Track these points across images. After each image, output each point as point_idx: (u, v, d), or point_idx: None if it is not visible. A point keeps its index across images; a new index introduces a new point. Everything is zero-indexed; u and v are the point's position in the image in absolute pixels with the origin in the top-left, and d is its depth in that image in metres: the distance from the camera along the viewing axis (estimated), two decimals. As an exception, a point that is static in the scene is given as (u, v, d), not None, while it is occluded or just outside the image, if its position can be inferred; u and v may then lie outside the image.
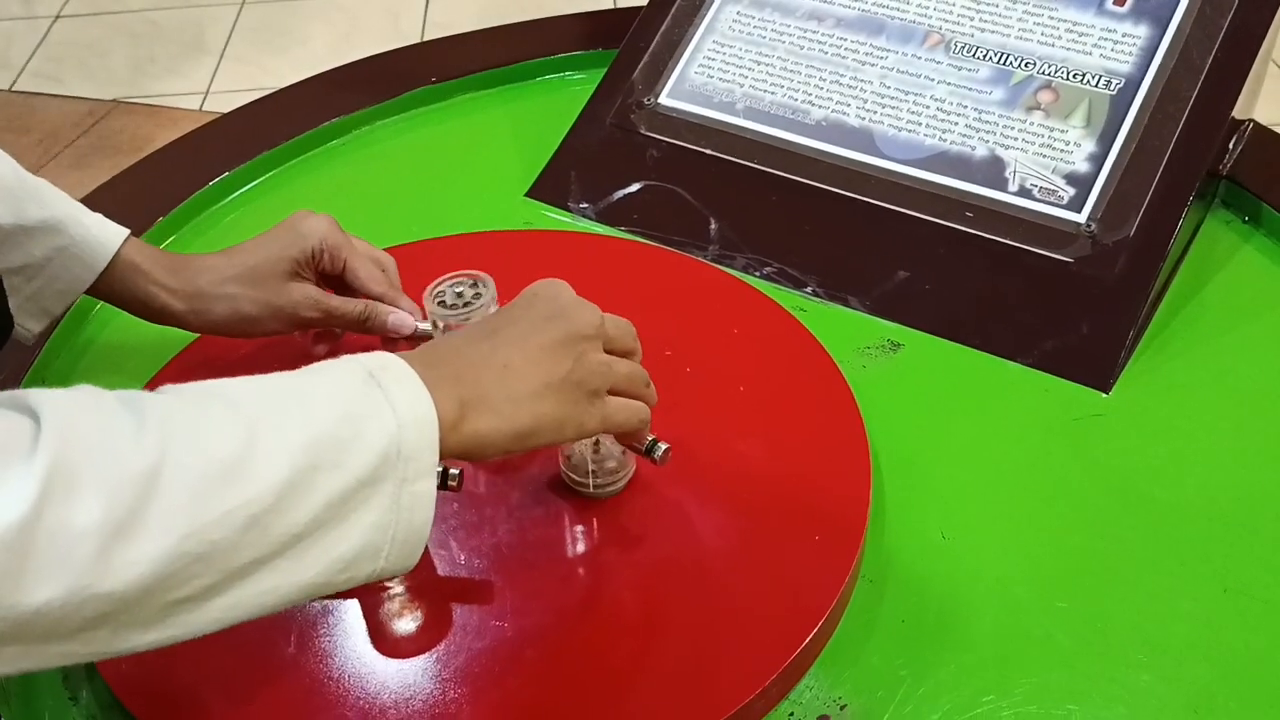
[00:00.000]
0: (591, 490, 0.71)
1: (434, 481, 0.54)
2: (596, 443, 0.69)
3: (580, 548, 0.69)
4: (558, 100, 1.08)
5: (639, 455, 0.69)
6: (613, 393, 0.64)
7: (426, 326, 0.80)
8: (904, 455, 0.77)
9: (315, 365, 0.55)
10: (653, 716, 0.61)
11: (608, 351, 0.64)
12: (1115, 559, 0.70)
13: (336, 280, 0.80)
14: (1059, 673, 0.64)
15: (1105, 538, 0.71)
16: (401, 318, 0.80)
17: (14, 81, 2.53)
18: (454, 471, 0.66)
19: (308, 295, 0.77)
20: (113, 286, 0.74)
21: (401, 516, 0.53)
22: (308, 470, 0.49)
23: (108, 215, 0.76)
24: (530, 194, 1.00)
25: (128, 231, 0.75)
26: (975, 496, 0.74)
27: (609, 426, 0.63)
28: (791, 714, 0.63)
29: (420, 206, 1.00)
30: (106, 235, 0.73)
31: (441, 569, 0.68)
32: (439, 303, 0.77)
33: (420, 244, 0.92)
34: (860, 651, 0.66)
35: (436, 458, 0.54)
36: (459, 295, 0.77)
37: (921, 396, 0.81)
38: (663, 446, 0.67)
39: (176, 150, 1.05)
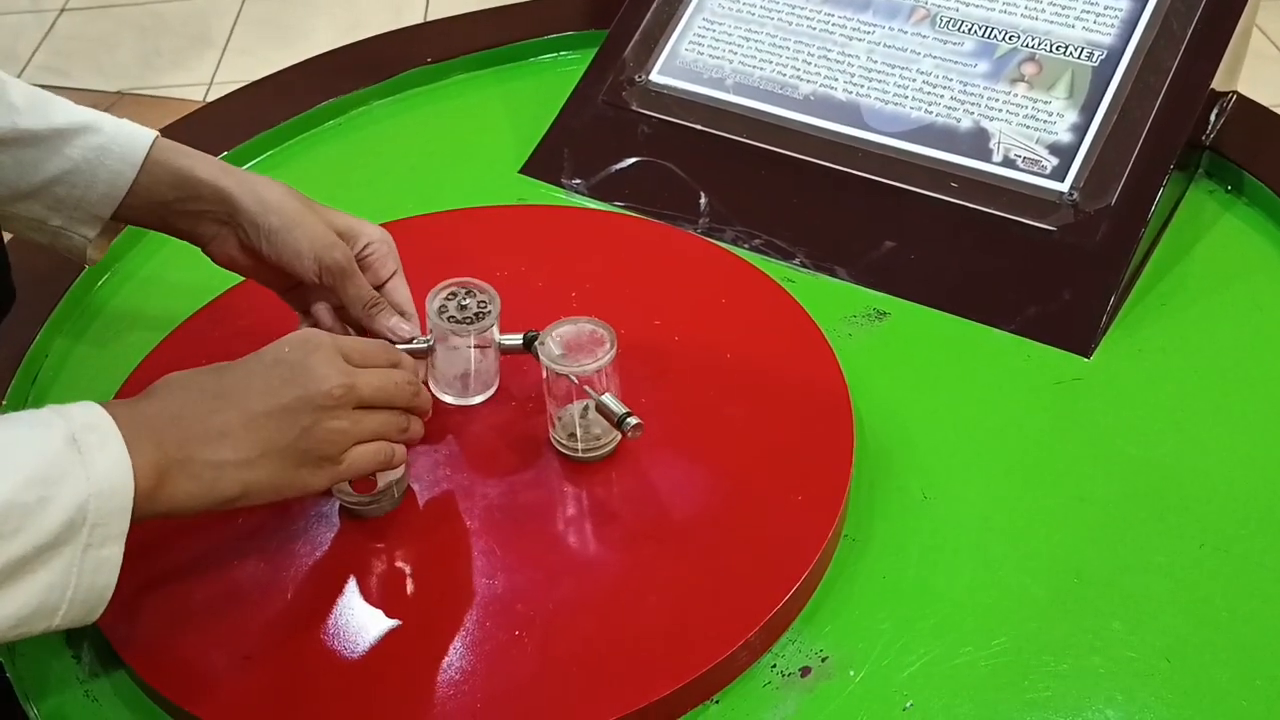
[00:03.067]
0: (580, 454, 0.72)
1: (121, 547, 0.54)
2: (585, 409, 0.71)
3: (568, 508, 0.71)
4: (552, 80, 1.10)
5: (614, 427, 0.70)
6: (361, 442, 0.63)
7: (422, 344, 0.74)
8: (888, 419, 0.78)
9: (19, 415, 0.54)
10: (638, 668, 0.62)
11: (368, 406, 0.63)
12: (1092, 516, 0.71)
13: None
14: (1035, 624, 0.66)
15: (1083, 497, 0.73)
16: (401, 325, 0.74)
17: (20, 74, 2.56)
18: (633, 421, 0.67)
19: (340, 242, 0.73)
20: (157, 176, 0.72)
21: (83, 580, 0.53)
22: None
23: None
24: (524, 171, 1.02)
25: (156, 133, 0.74)
26: (957, 458, 0.76)
27: (342, 480, 0.64)
28: (774, 665, 0.65)
29: (415, 184, 1.02)
30: (139, 130, 0.73)
31: (431, 529, 0.70)
32: (442, 314, 0.74)
33: (414, 219, 0.93)
34: (842, 606, 0.68)
35: (127, 524, 0.54)
36: (462, 307, 0.74)
37: (906, 363, 0.83)
38: (633, 421, 0.69)
39: (173, 134, 1.06)
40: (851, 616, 0.67)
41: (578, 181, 1.00)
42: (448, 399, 0.77)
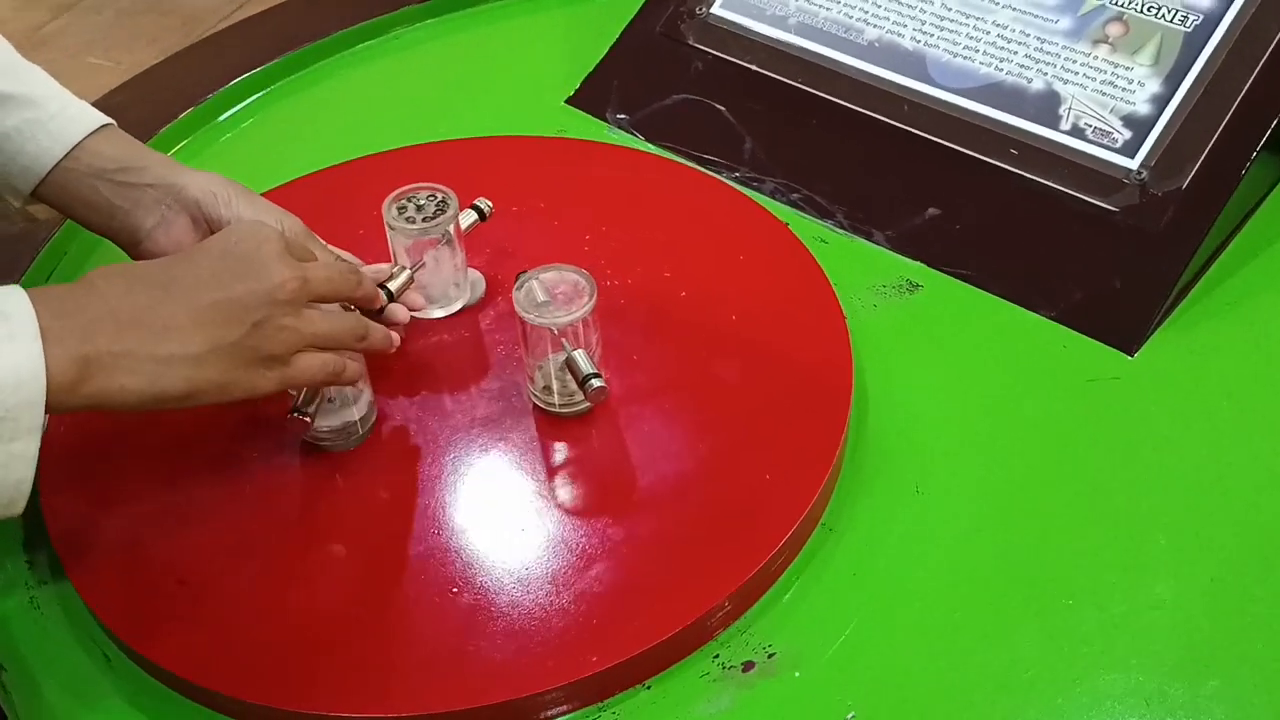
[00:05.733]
0: (557, 408, 0.69)
1: (35, 441, 0.52)
2: (568, 363, 0.67)
3: (530, 465, 0.67)
4: (616, 7, 1.04)
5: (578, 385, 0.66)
6: (314, 347, 0.61)
7: (404, 273, 0.71)
8: (897, 401, 0.73)
9: None
10: (567, 642, 0.59)
11: (320, 300, 0.61)
12: (1098, 532, 0.65)
13: None
14: (1011, 643, 0.60)
15: (1093, 509, 0.66)
16: (375, 266, 0.73)
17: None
18: (596, 383, 0.64)
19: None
20: (95, 151, 0.70)
21: None
22: None
23: (134, 111, 0.74)
24: (570, 101, 0.98)
25: (110, 120, 0.72)
26: (961, 452, 0.70)
27: (290, 384, 0.61)
28: (717, 655, 0.61)
29: (454, 108, 0.98)
30: (88, 115, 0.71)
31: (387, 472, 0.68)
32: (401, 214, 0.72)
33: (443, 143, 0.90)
34: (802, 600, 0.63)
35: (39, 419, 0.52)
36: (419, 208, 0.72)
37: (930, 342, 0.77)
38: (597, 383, 0.65)
39: (200, 55, 1.05)
40: (810, 612, 0.63)
41: (622, 116, 0.95)
42: (436, 313, 0.75)
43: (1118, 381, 0.73)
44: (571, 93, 0.98)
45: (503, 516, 0.65)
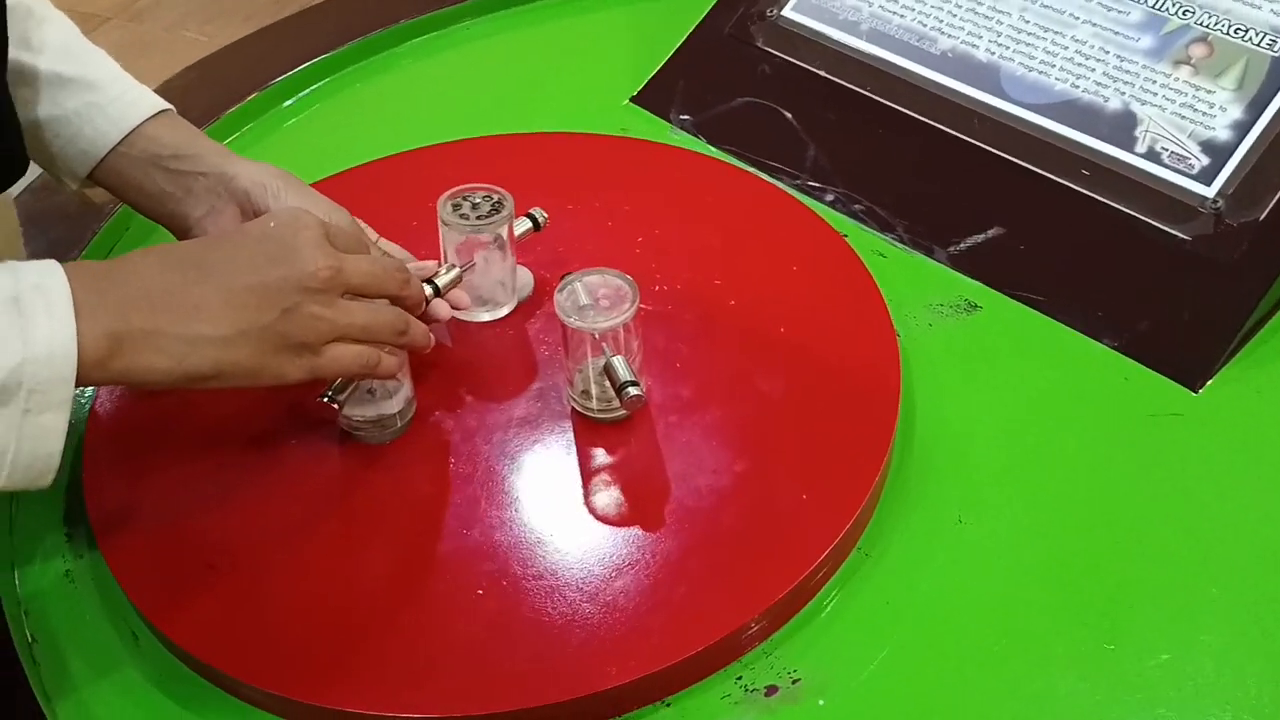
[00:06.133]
0: (594, 413, 0.68)
1: (65, 414, 0.52)
2: (606, 369, 0.66)
3: (564, 470, 0.67)
4: (687, 6, 1.03)
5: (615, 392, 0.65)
6: (349, 339, 0.60)
7: (452, 272, 0.71)
8: (946, 425, 0.70)
9: None
10: (589, 653, 0.58)
11: (358, 293, 0.60)
12: (1148, 576, 0.62)
13: None
14: (1050, 687, 0.58)
15: (1143, 553, 0.63)
16: (423, 263, 0.73)
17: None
18: (633, 391, 0.63)
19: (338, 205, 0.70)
20: (151, 136, 0.70)
21: (23, 445, 0.52)
22: None
23: (201, 92, 0.74)
24: (635, 100, 0.97)
25: (168, 106, 0.73)
26: (1008, 483, 0.67)
27: (320, 374, 0.60)
28: (740, 677, 0.60)
29: (518, 102, 0.98)
30: (147, 100, 0.71)
31: (423, 467, 0.67)
32: (455, 211, 0.71)
33: (501, 137, 0.90)
34: (832, 625, 0.62)
35: (69, 393, 0.52)
36: (474, 207, 0.71)
37: (985, 365, 0.74)
38: (634, 391, 0.64)
39: (260, 44, 1.05)
40: (839, 638, 0.61)
41: (686, 117, 0.94)
42: (482, 316, 0.74)
43: (1179, 418, 0.70)
44: (636, 91, 0.97)
45: (532, 520, 0.64)
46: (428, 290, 0.69)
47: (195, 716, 0.61)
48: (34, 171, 0.71)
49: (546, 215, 0.75)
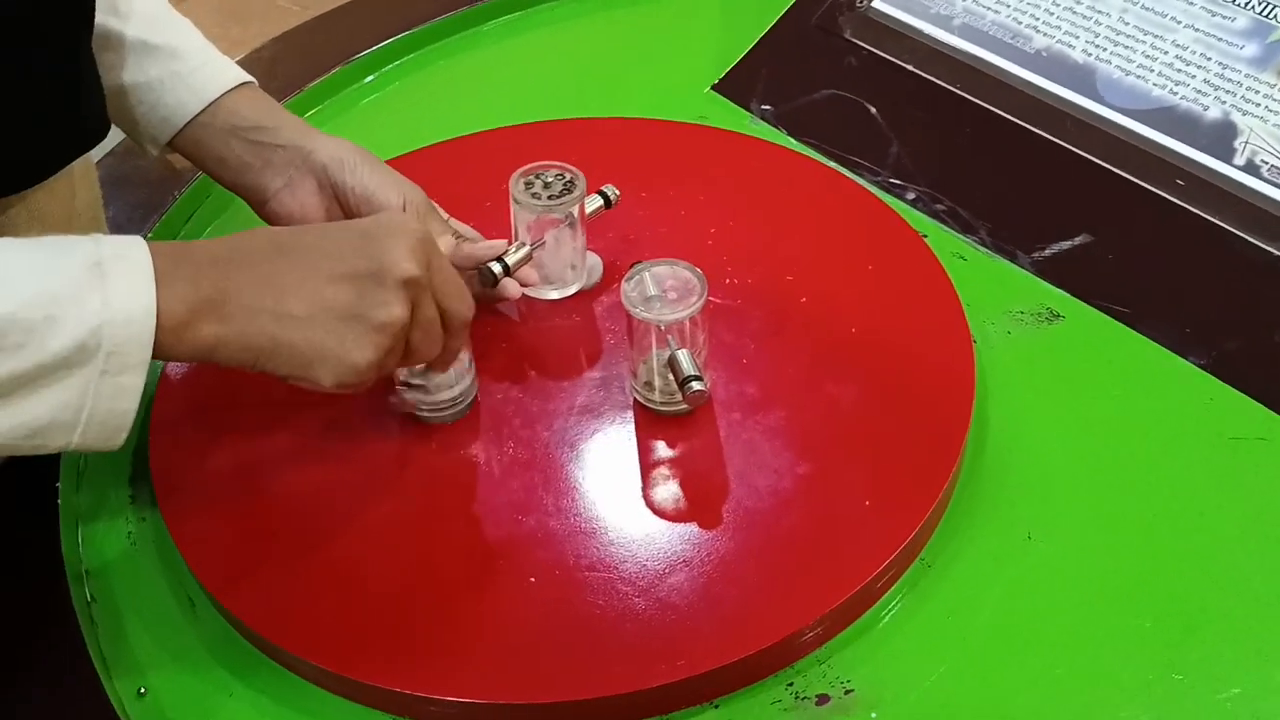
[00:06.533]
0: (657, 406, 0.67)
1: (141, 376, 0.52)
2: (670, 362, 0.65)
3: (623, 461, 0.66)
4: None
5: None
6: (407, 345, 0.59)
7: (521, 250, 0.71)
8: (1019, 438, 0.68)
9: (56, 238, 0.52)
10: (639, 650, 0.57)
11: (431, 306, 0.59)
12: (1220, 604, 0.60)
13: None
14: (1105, 706, 0.56)
15: (1218, 579, 0.61)
16: (493, 241, 0.72)
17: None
18: (696, 386, 0.62)
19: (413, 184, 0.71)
20: (231, 109, 0.71)
21: (99, 405, 0.52)
22: None
23: (285, 64, 0.73)
24: (716, 88, 0.95)
25: (250, 78, 0.73)
26: (1082, 500, 0.65)
27: (381, 371, 0.59)
28: (791, 684, 0.58)
29: (599, 84, 0.97)
30: (229, 71, 0.72)
31: (480, 449, 0.67)
32: (527, 190, 0.71)
33: (580, 121, 0.89)
34: (890, 638, 0.60)
35: (147, 355, 0.52)
36: (546, 186, 0.71)
37: (1064, 378, 0.72)
38: (697, 386, 0.63)
39: (328, 25, 1.04)
40: (897, 651, 0.60)
41: (767, 108, 0.92)
42: (550, 294, 0.74)
43: (1264, 443, 0.67)
44: (718, 79, 0.95)
45: (589, 510, 0.63)
46: (497, 268, 0.68)
47: (246, 685, 0.61)
48: (116, 135, 0.72)
49: (618, 192, 0.74)
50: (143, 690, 0.61)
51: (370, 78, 0.99)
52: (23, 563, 0.65)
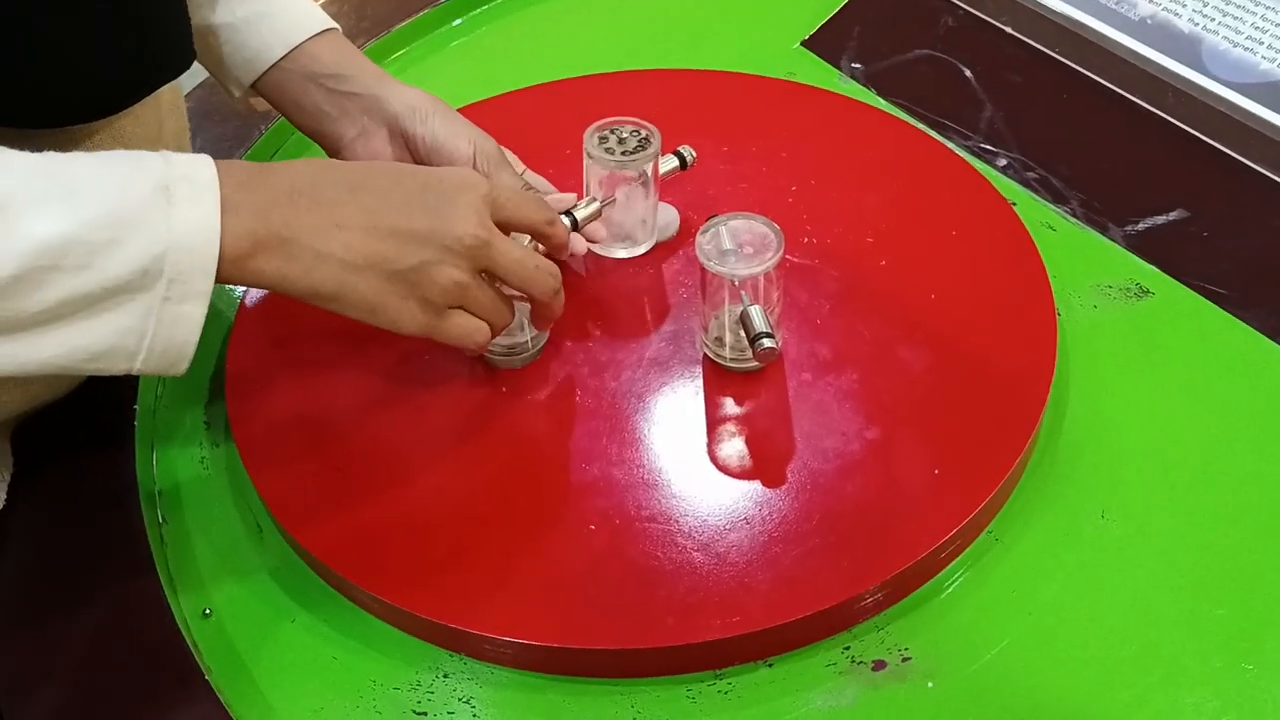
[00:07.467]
0: (727, 362, 0.66)
1: (203, 305, 0.52)
2: (742, 317, 0.64)
3: (689, 415, 0.65)
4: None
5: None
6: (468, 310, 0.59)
7: (590, 206, 0.70)
8: (1098, 416, 0.66)
9: (127, 154, 0.52)
10: (692, 605, 0.57)
11: (499, 277, 0.59)
12: (1302, 599, 0.58)
13: None
14: (1171, 693, 0.55)
15: (1301, 572, 0.59)
16: (563, 195, 0.73)
17: None
18: (767, 343, 0.62)
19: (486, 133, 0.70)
20: (313, 55, 0.71)
21: (160, 330, 0.51)
22: (43, 269, 0.48)
23: (373, 6, 0.73)
24: (805, 44, 0.93)
25: (334, 25, 0.73)
26: (1160, 483, 0.63)
27: (435, 335, 0.59)
28: (848, 647, 0.58)
29: (686, 36, 0.95)
30: (315, 16, 0.72)
31: (548, 396, 0.67)
32: (601, 144, 0.70)
33: (664, 72, 0.88)
34: (951, 608, 0.59)
35: (210, 284, 0.52)
36: (621, 141, 0.70)
37: (1150, 357, 0.70)
38: (767, 343, 0.62)
39: None
40: (957, 622, 0.58)
41: (857, 66, 0.90)
42: (619, 253, 0.73)
43: (1360, 436, 0.64)
44: (808, 35, 0.93)
45: (652, 461, 0.63)
46: (565, 222, 0.68)
47: (307, 612, 0.62)
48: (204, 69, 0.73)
49: (695, 154, 0.73)
50: (208, 611, 0.62)
51: (458, 20, 0.99)
52: (97, 481, 0.67)
